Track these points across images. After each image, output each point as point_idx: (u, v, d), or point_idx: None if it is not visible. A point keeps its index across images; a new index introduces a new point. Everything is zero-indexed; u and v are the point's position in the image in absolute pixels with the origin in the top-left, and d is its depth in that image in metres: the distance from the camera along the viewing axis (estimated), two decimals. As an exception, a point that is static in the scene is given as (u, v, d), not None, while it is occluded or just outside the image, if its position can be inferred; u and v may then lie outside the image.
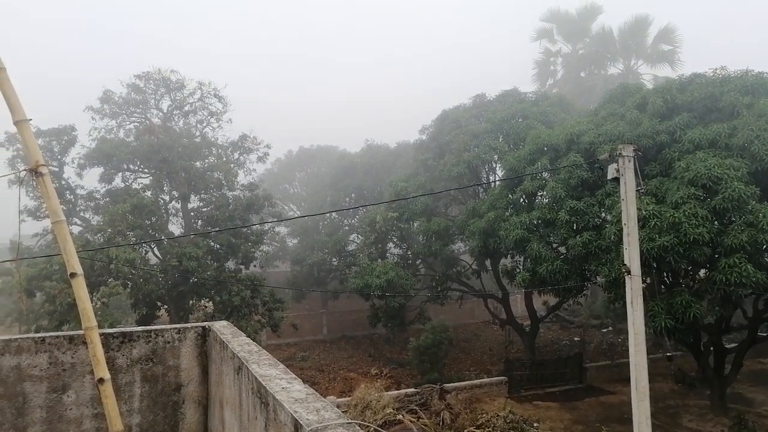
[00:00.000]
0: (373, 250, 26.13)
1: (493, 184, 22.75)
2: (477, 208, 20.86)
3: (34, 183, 4.64)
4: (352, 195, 35.92)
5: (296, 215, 42.68)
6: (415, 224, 25.13)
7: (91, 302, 16.63)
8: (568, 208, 15.94)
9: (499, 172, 24.16)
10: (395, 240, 28.43)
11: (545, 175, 18.26)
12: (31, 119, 4.65)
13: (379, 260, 25.68)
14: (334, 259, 33.16)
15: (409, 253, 27.26)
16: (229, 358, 4.18)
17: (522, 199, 19.41)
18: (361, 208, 32.10)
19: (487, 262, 23.97)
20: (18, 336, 4.76)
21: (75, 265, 4.55)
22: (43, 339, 4.75)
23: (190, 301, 23.55)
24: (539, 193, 19.01)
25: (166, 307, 23.47)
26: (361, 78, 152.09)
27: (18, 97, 4.48)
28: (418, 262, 27.48)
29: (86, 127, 25.17)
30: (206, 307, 24.16)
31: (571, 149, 17.16)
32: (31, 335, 4.83)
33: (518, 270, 19.80)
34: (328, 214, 30.33)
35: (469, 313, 33.37)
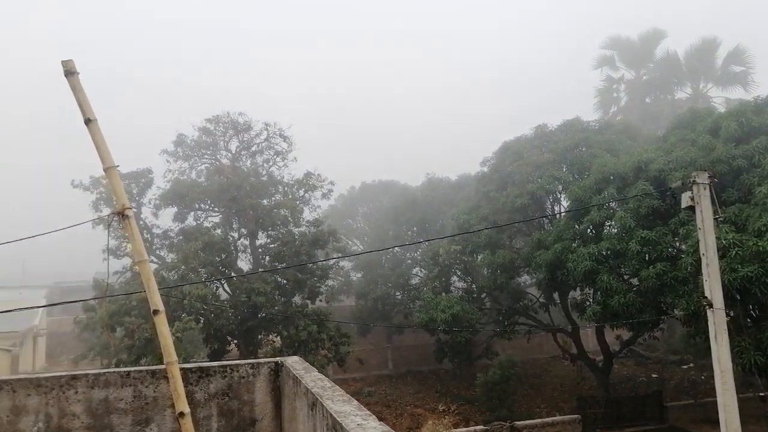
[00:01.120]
0: (436, 283, 25.97)
1: (558, 215, 22.30)
2: (543, 239, 20.44)
3: (121, 225, 4.96)
4: (414, 228, 35.97)
5: (359, 250, 43.05)
6: (479, 257, 24.84)
7: (166, 337, 17.08)
8: (638, 238, 15.39)
9: (564, 203, 23.67)
10: (459, 273, 28.17)
11: (613, 204, 17.74)
12: (118, 165, 5.00)
13: (443, 294, 25.46)
14: (397, 293, 33.13)
15: (474, 286, 26.92)
16: (303, 394, 4.25)
17: (589, 230, 18.89)
18: (423, 241, 32.07)
19: (555, 295, 23.31)
20: (106, 370, 5.02)
21: (157, 302, 4.79)
22: (128, 373, 4.99)
23: (259, 336, 24.02)
24: (607, 224, 18.45)
25: (236, 341, 24.03)
26: (411, 110, 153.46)
27: (107, 145, 4.85)
28: (483, 296, 27.05)
29: (161, 169, 26.59)
30: (274, 341, 24.55)
31: (639, 177, 16.64)
32: (117, 370, 5.09)
33: (588, 303, 19.16)
34: (391, 248, 30.46)
35: (537, 347, 32.36)
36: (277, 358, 5.49)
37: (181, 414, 4.65)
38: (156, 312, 4.75)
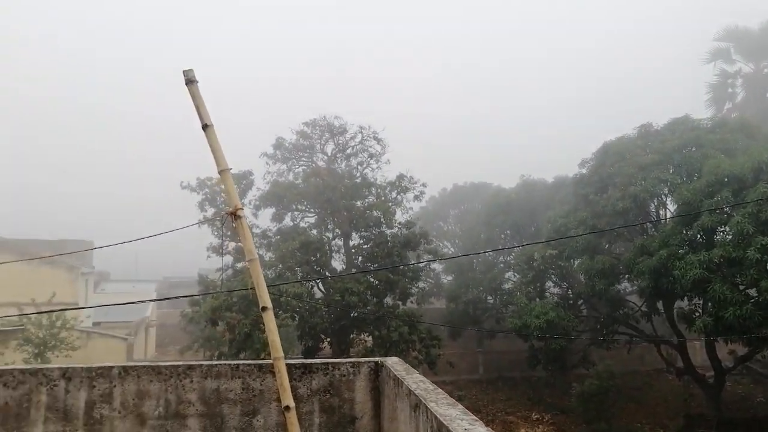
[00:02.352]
0: (530, 288, 25.32)
1: (664, 219, 21.04)
2: (646, 245, 19.34)
3: (233, 224, 5.22)
4: (508, 232, 35.24)
5: (450, 252, 42.82)
6: (576, 262, 23.91)
7: (263, 333, 17.88)
8: (758, 246, 14.18)
9: (671, 206, 22.31)
10: (554, 279, 27.31)
11: (727, 209, 16.49)
12: (231, 168, 5.28)
13: (538, 299, 24.78)
14: (489, 297, 32.62)
15: (570, 292, 25.98)
16: (405, 395, 4.27)
17: (699, 236, 17.67)
18: (516, 244, 31.39)
19: (659, 304, 21.98)
20: (218, 362, 5.30)
21: (266, 299, 5.01)
22: (238, 366, 5.24)
23: (351, 335, 24.48)
24: (720, 229, 17.18)
25: (329, 339, 24.65)
26: (501, 111, 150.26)
27: (222, 149, 5.12)
28: (579, 303, 26.03)
29: (261, 171, 27.82)
30: (366, 341, 24.93)
31: (760, 179, 15.35)
32: (228, 362, 5.35)
33: (697, 314, 17.92)
34: (484, 252, 30.04)
35: (638, 359, 30.67)
36: (377, 358, 5.55)
37: (287, 408, 4.82)
38: (264, 309, 4.96)
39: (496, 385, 29.66)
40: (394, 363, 5.22)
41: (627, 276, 22.21)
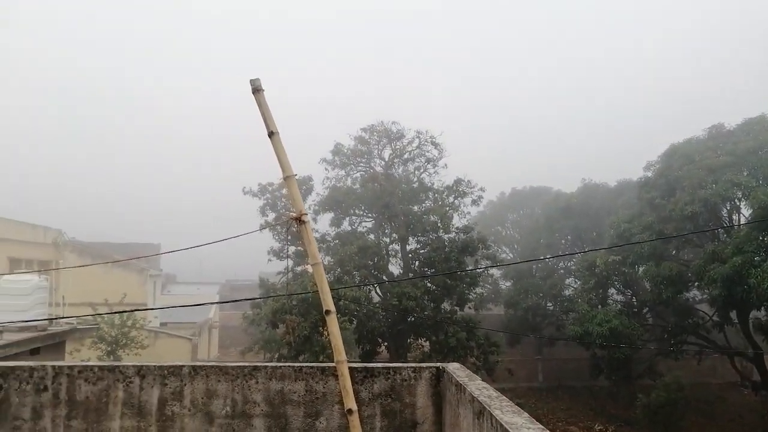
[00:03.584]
0: (592, 295, 24.64)
1: (737, 224, 20.03)
2: (718, 251, 18.48)
3: (296, 229, 5.34)
4: (568, 237, 34.45)
5: (509, 258, 42.18)
6: (641, 269, 23.12)
7: (322, 336, 18.11)
8: (844, 253, 13.29)
9: (745, 211, 21.22)
10: (618, 285, 26.46)
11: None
12: (296, 174, 5.40)
13: (600, 307, 24.08)
14: (549, 304, 31.96)
15: (635, 300, 25.13)
16: (468, 402, 4.23)
17: (778, 242, 16.73)
18: (577, 250, 30.61)
19: (733, 314, 20.93)
20: (282, 364, 5.42)
21: (329, 303, 5.08)
22: (301, 368, 5.34)
23: (408, 340, 24.48)
24: (801, 235, 16.21)
25: (386, 343, 24.73)
26: (562, 112, 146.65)
27: (287, 156, 5.25)
28: (645, 311, 25.15)
29: (320, 176, 28.26)
30: (423, 346, 24.87)
31: None
32: (291, 364, 5.46)
33: (776, 325, 16.95)
34: (544, 258, 29.44)
35: (709, 371, 29.25)
36: (438, 364, 5.53)
37: (350, 411, 4.88)
38: (328, 312, 5.04)
39: (556, 394, 28.95)
40: (455, 369, 5.19)
41: (697, 284, 21.31)
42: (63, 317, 17.59)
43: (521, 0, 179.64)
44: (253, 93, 5.02)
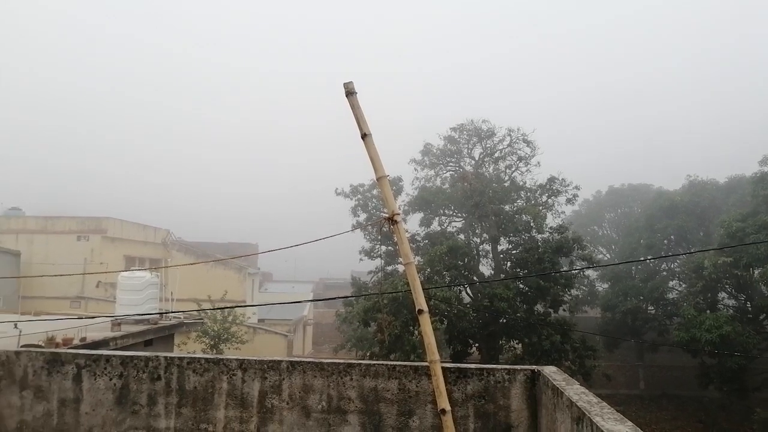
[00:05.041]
0: (699, 299, 23.10)
1: None
2: None
3: (390, 229, 5.39)
4: (671, 237, 32.46)
5: (606, 259, 40.42)
6: (757, 271, 21.34)
7: (413, 335, 18.18)
8: None
9: None
10: (729, 289, 24.63)
11: None
12: (388, 175, 5.46)
13: (708, 311, 22.50)
14: (650, 308, 30.35)
15: (749, 305, 23.24)
16: (566, 407, 4.10)
17: None
18: (681, 251, 28.79)
19: None
20: (375, 362, 5.50)
21: (422, 302, 5.09)
22: (394, 367, 5.39)
23: (500, 341, 24.04)
24: None
25: (477, 345, 24.43)
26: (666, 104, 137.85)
27: (380, 157, 5.32)
28: (761, 317, 23.18)
29: (409, 177, 28.42)
30: (515, 348, 24.35)
31: None
32: (385, 362, 5.53)
33: None
34: (645, 259, 27.92)
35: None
36: (533, 367, 5.39)
37: (443, 411, 4.86)
38: (421, 312, 5.05)
39: (660, 403, 27.37)
40: (552, 372, 5.04)
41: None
42: (172, 312, 18.82)
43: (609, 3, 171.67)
44: (346, 96, 5.13)
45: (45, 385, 5.47)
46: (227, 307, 23.26)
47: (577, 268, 24.80)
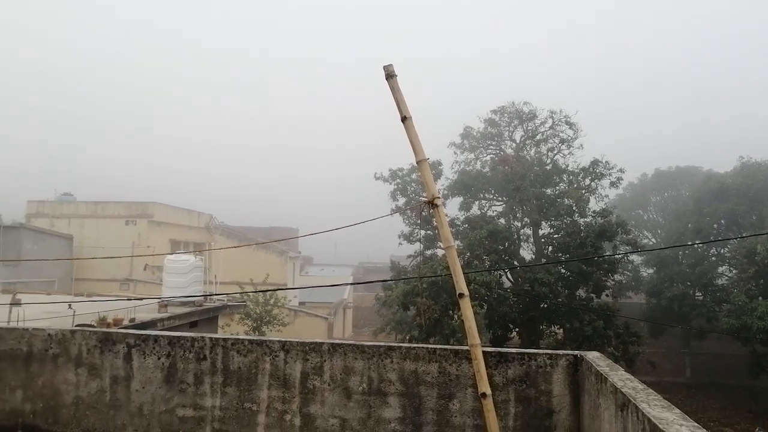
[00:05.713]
0: (751, 285, 22.34)
1: None
2: None
3: (430, 213, 5.38)
4: (721, 221, 31.36)
5: (651, 243, 39.41)
6: (814, 257, 20.48)
7: (453, 319, 18.17)
8: None
9: None
10: (784, 275, 23.68)
11: None
12: (428, 158, 5.43)
13: (760, 298, 21.72)
14: (698, 293, 29.50)
15: (806, 292, 22.33)
16: (610, 393, 4.03)
17: None
18: (732, 235, 27.80)
19: None
20: (416, 345, 5.51)
21: (462, 286, 5.07)
22: (434, 350, 5.39)
23: (541, 327, 23.80)
24: None
25: (517, 329, 24.24)
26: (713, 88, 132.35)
27: (420, 140, 5.29)
28: (818, 305, 22.22)
29: (449, 160, 28.19)
30: (556, 333, 24.07)
31: None
32: (425, 345, 5.54)
33: None
34: (693, 244, 27.09)
35: None
36: (576, 352, 5.32)
37: (483, 395, 4.85)
38: (461, 296, 5.03)
39: (708, 392, 26.68)
40: (595, 358, 4.95)
41: None
42: (216, 294, 19.28)
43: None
44: (386, 79, 5.10)
45: (98, 362, 5.70)
46: (269, 290, 23.68)
47: (621, 252, 24.25)
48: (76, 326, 10.19)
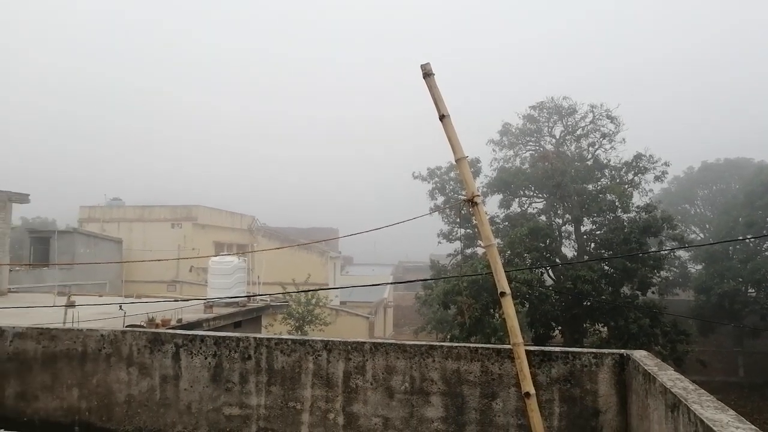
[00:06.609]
0: (809, 281, 21.34)
1: None
2: None
3: (469, 211, 5.36)
4: (775, 214, 30.19)
5: (699, 238, 38.19)
6: None
7: (494, 318, 18.02)
8: None
9: None
10: (842, 270, 22.65)
11: None
12: (467, 156, 5.41)
13: (819, 295, 20.79)
14: (751, 290, 28.44)
15: None
16: (659, 393, 3.94)
17: None
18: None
19: None
20: (458, 344, 5.49)
21: (504, 285, 5.03)
22: (477, 349, 5.36)
23: (584, 324, 23.37)
24: None
25: (560, 328, 23.87)
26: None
27: (458, 138, 5.27)
28: None
29: (488, 157, 27.93)
30: (600, 332, 23.59)
31: None
32: (467, 345, 5.51)
33: None
34: (745, 239, 26.14)
35: None
36: (622, 351, 5.21)
37: (527, 394, 4.81)
38: (503, 294, 4.99)
39: (763, 392, 25.72)
40: (642, 357, 4.84)
41: None
42: (259, 295, 19.60)
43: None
44: (424, 78, 5.11)
45: (148, 362, 5.88)
46: (311, 290, 23.96)
47: (668, 248, 23.57)
48: (126, 327, 10.54)
